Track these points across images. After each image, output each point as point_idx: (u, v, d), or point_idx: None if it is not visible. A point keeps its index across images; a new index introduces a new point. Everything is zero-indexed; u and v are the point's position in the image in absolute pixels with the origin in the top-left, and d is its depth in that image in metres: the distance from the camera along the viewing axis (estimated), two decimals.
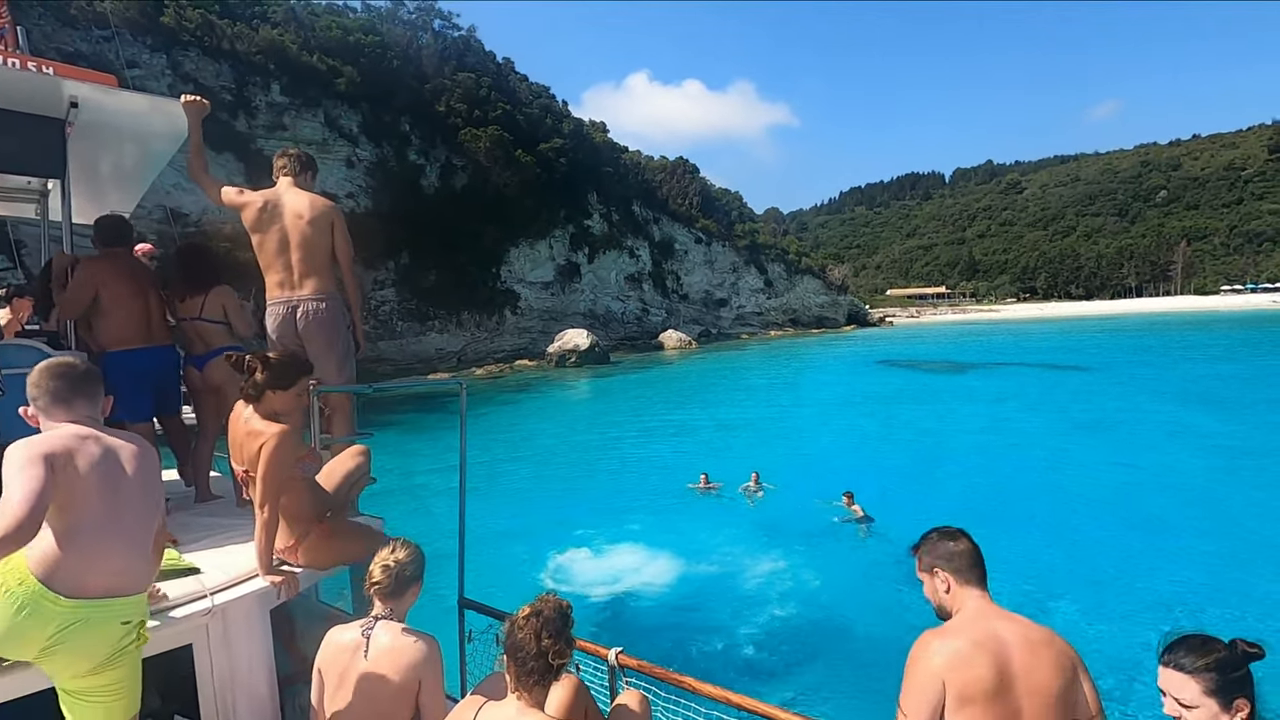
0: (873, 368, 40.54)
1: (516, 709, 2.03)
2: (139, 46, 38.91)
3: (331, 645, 2.42)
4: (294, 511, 2.85)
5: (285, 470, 2.72)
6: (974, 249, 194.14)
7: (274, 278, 3.49)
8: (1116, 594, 8.58)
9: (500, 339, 53.00)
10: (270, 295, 3.52)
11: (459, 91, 57.51)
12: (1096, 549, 10.05)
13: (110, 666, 1.96)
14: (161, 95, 3.53)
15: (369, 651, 2.33)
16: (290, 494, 2.80)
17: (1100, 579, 9.04)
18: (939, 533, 2.22)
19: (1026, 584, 8.80)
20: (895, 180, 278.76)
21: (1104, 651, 7.16)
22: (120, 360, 3.70)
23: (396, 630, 2.40)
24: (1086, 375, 31.66)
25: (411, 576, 2.49)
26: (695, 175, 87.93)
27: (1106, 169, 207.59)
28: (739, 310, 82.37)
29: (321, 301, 3.50)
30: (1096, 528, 10.94)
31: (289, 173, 3.58)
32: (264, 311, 3.61)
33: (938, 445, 17.78)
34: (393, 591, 2.43)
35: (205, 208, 38.45)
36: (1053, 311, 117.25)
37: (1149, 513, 11.55)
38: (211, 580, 2.64)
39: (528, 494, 14.35)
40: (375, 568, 2.45)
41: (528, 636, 2.03)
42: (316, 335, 3.50)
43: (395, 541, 2.55)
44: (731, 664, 7.28)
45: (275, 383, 2.82)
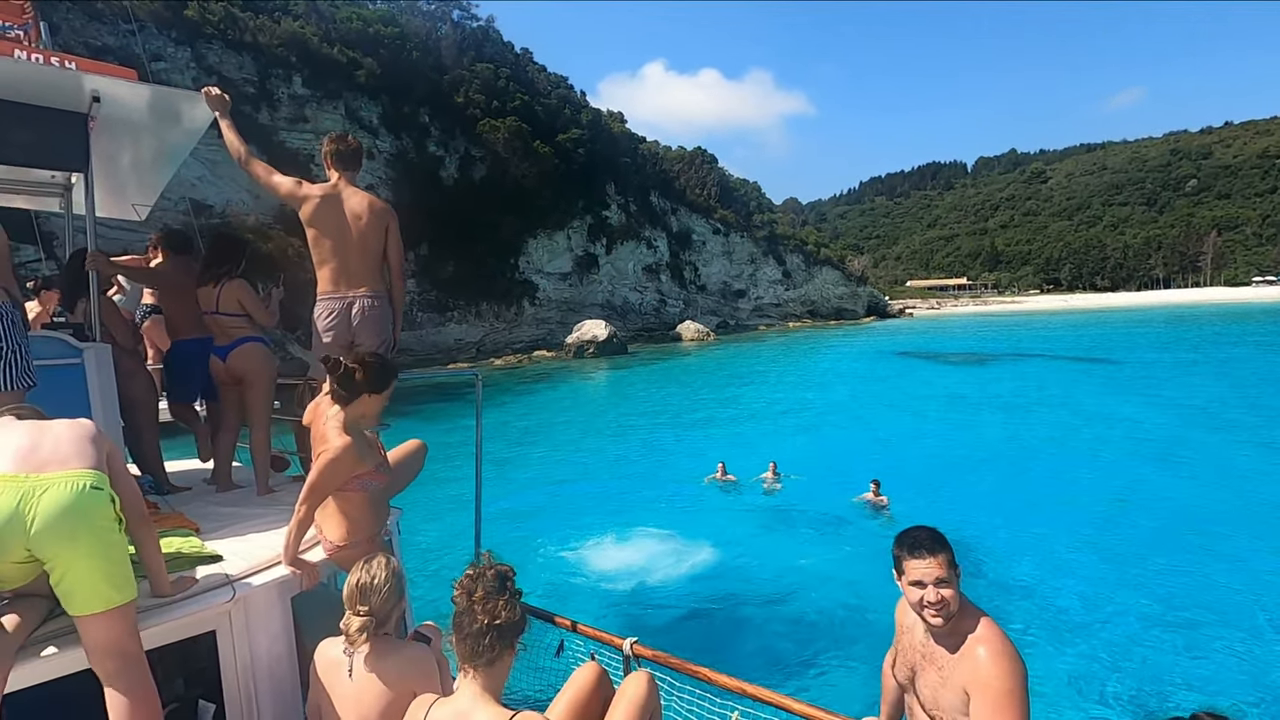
0: (893, 359, 40.21)
1: (469, 698, 1.94)
2: (164, 40, 39.43)
3: (323, 659, 2.37)
4: (355, 517, 2.91)
5: (335, 482, 2.78)
6: (996, 239, 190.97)
7: (329, 273, 3.60)
8: (1132, 591, 8.52)
9: (518, 330, 53.23)
10: (324, 289, 3.63)
11: (477, 82, 57.58)
12: (1119, 546, 9.96)
13: (96, 549, 1.99)
14: (180, 89, 3.60)
15: (353, 670, 2.29)
16: (348, 504, 2.88)
17: (1117, 577, 8.99)
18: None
19: (1039, 575, 8.79)
20: (916, 170, 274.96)
21: (1122, 651, 7.16)
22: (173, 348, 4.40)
23: (381, 644, 2.34)
24: (1113, 368, 31.19)
25: (393, 608, 2.37)
26: (713, 165, 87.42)
27: (1135, 157, 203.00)
28: (757, 301, 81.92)
29: (375, 299, 3.65)
30: (1123, 524, 10.83)
31: (343, 167, 3.66)
32: (301, 302, 3.72)
33: (959, 437, 17.66)
34: (376, 627, 2.34)
35: (229, 199, 38.98)
36: (1078, 303, 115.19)
37: (1181, 510, 11.39)
38: (234, 568, 2.69)
39: (544, 484, 14.47)
40: (352, 625, 2.29)
41: (466, 608, 1.95)
42: (368, 332, 3.63)
43: (363, 568, 2.39)
44: (747, 654, 7.33)
45: (372, 386, 2.83)
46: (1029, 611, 7.86)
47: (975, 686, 2.01)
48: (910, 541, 2.24)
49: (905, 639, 2.42)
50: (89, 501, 1.99)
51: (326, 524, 2.93)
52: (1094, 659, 6.87)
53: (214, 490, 4.18)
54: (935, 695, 2.16)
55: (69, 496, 1.96)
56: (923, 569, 2.17)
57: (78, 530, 1.96)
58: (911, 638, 2.38)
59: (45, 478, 1.96)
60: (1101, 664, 6.80)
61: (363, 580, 2.36)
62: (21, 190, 4.60)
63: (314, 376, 3.63)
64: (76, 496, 1.97)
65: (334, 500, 2.86)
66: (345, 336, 3.63)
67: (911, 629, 2.40)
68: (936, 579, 2.15)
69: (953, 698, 2.10)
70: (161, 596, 2.41)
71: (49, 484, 1.96)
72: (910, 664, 2.35)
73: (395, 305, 3.84)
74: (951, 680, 2.11)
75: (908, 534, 2.29)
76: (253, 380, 4.08)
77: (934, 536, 2.23)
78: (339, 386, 2.81)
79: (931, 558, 2.17)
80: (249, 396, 4.10)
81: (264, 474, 4.05)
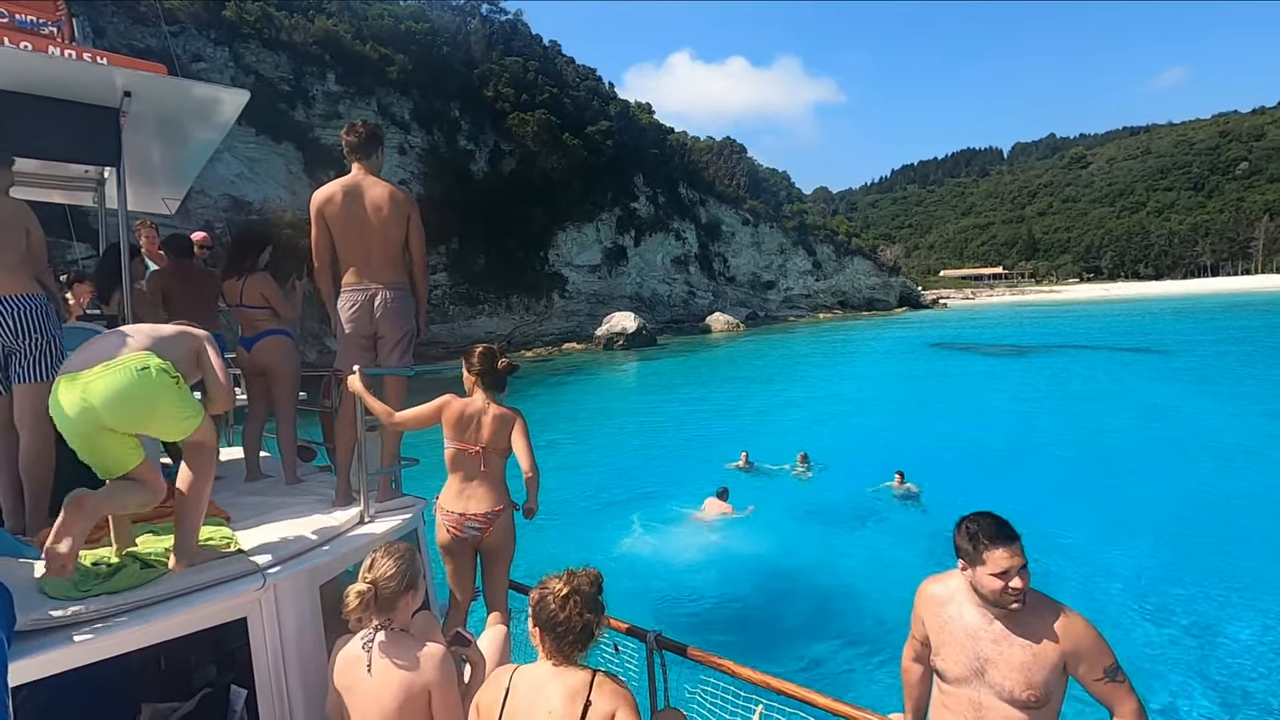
0: (926, 350, 39.52)
1: (548, 670, 2.07)
2: (204, 40, 40.37)
3: (341, 658, 2.36)
4: (502, 479, 3.39)
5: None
6: (1034, 227, 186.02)
7: (352, 265, 3.62)
8: (1162, 585, 8.27)
9: (548, 322, 53.53)
10: (347, 281, 3.64)
11: (506, 76, 57.85)
12: (1153, 540, 9.66)
13: (154, 408, 2.45)
14: (208, 83, 3.62)
15: (372, 666, 2.28)
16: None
17: (1150, 569, 8.72)
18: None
19: (1073, 567, 8.56)
20: (949, 157, 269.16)
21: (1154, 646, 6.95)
22: None
23: (400, 641, 2.33)
24: (1159, 358, 30.22)
25: (396, 591, 2.33)
26: (742, 155, 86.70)
27: (1181, 140, 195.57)
28: (786, 292, 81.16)
29: (397, 290, 3.65)
30: (1163, 518, 10.51)
31: (360, 156, 3.65)
32: (333, 295, 3.74)
33: (993, 428, 17.29)
34: (379, 609, 2.33)
35: (266, 196, 39.82)
36: (1119, 292, 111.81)
37: (1230, 502, 11.02)
38: (264, 556, 2.73)
39: (569, 474, 14.54)
40: (350, 592, 2.30)
41: (571, 615, 2.06)
42: (389, 322, 3.65)
43: (374, 554, 2.40)
44: (772, 645, 7.28)
45: (512, 374, 3.42)
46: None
47: (1080, 650, 2.12)
48: (989, 531, 2.20)
49: (954, 629, 2.30)
50: (129, 378, 2.38)
51: (494, 491, 3.34)
52: (1143, 653, 6.67)
53: (243, 479, 4.25)
54: (1028, 676, 2.13)
55: (114, 378, 2.37)
56: (1007, 559, 2.16)
57: (129, 401, 2.37)
58: (964, 626, 2.27)
59: (92, 371, 2.38)
60: (1152, 657, 6.60)
61: (377, 556, 2.40)
62: (57, 185, 4.71)
63: (339, 368, 3.64)
64: (118, 375, 2.38)
65: (500, 467, 3.36)
66: (368, 328, 3.64)
67: (955, 619, 2.30)
68: (1021, 566, 2.16)
69: (1047, 672, 2.12)
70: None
71: (95, 376, 2.37)
72: (974, 653, 2.23)
73: (418, 295, 3.84)
74: (1048, 656, 2.12)
75: (978, 523, 2.23)
76: (277, 372, 4.14)
77: (1004, 524, 2.22)
78: (490, 377, 3.37)
79: (1014, 544, 2.17)
80: (274, 388, 4.16)
81: (291, 464, 4.11)
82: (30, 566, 2.48)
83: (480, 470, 3.32)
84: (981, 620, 2.25)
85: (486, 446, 3.31)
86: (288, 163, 42.12)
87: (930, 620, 2.38)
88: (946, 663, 2.31)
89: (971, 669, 2.25)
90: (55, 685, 2.09)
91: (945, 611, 2.33)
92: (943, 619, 2.33)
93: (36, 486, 2.94)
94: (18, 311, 2.91)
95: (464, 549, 3.38)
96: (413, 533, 3.47)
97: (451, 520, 3.30)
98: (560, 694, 2.01)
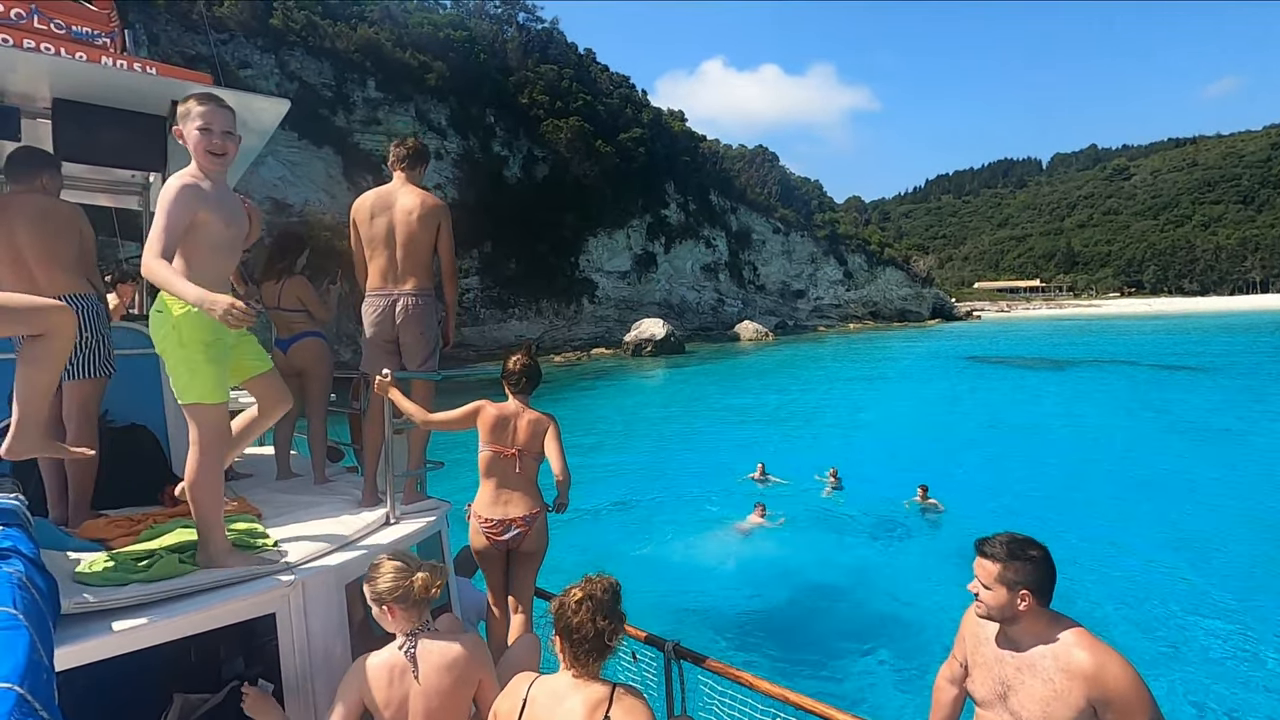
0: (959, 363, 38.81)
1: (567, 681, 2.09)
2: (250, 48, 41.63)
3: (369, 674, 2.32)
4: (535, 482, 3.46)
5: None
6: (1073, 239, 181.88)
7: (377, 269, 3.66)
8: (1191, 611, 8.00)
9: (578, 327, 53.83)
10: (371, 285, 3.69)
11: (541, 84, 58.50)
12: (1187, 565, 9.34)
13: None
14: (256, 93, 3.73)
15: (419, 671, 2.28)
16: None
17: (1186, 588, 8.43)
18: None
19: (1097, 592, 8.32)
20: (986, 167, 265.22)
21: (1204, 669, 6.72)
22: None
23: (442, 641, 2.35)
24: (1202, 377, 29.26)
25: (431, 599, 2.37)
26: (774, 164, 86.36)
27: (1230, 152, 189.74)
28: (816, 302, 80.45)
29: (419, 297, 3.67)
30: (1195, 543, 10.16)
31: (404, 167, 3.73)
32: (360, 298, 3.82)
33: (1024, 444, 16.91)
34: (420, 610, 2.37)
35: (307, 199, 40.79)
36: (1162, 307, 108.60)
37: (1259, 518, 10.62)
38: (293, 553, 2.78)
39: (594, 480, 14.56)
40: (422, 578, 2.35)
41: (584, 620, 2.07)
42: (411, 329, 3.68)
43: (384, 561, 2.44)
44: (790, 658, 7.20)
45: (530, 367, 3.52)
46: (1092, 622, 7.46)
47: (1111, 698, 2.03)
48: (983, 539, 2.32)
49: (985, 651, 2.32)
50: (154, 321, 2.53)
51: (529, 494, 3.41)
52: (1177, 677, 6.46)
53: (274, 478, 4.35)
54: (1047, 711, 2.10)
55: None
56: (976, 569, 2.28)
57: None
58: (993, 650, 2.29)
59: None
60: (1186, 681, 6.39)
61: (389, 562, 2.42)
62: (104, 189, 4.89)
63: (367, 370, 3.69)
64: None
65: (534, 471, 3.42)
66: (389, 333, 3.67)
67: (988, 640, 2.32)
68: (982, 583, 2.25)
69: (1070, 712, 2.07)
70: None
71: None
72: (999, 678, 2.24)
73: (448, 303, 3.88)
74: (1071, 695, 2.07)
75: (994, 535, 2.34)
76: (311, 373, 4.23)
77: (1006, 543, 2.25)
78: (523, 385, 3.47)
79: (984, 561, 2.25)
80: (308, 389, 4.24)
81: (321, 463, 4.19)
82: (71, 559, 2.57)
83: (516, 472, 3.35)
84: (1007, 644, 2.25)
85: (523, 449, 3.36)
86: (328, 166, 43.12)
87: (969, 640, 2.41)
88: (975, 684, 2.35)
89: (996, 693, 2.25)
90: (92, 674, 2.16)
91: (983, 633, 2.35)
92: (979, 639, 2.36)
93: (80, 481, 3.05)
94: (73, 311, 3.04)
95: (500, 554, 3.41)
96: (437, 535, 3.52)
97: (490, 526, 3.33)
98: (580, 706, 2.02)
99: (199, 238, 2.50)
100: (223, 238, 2.59)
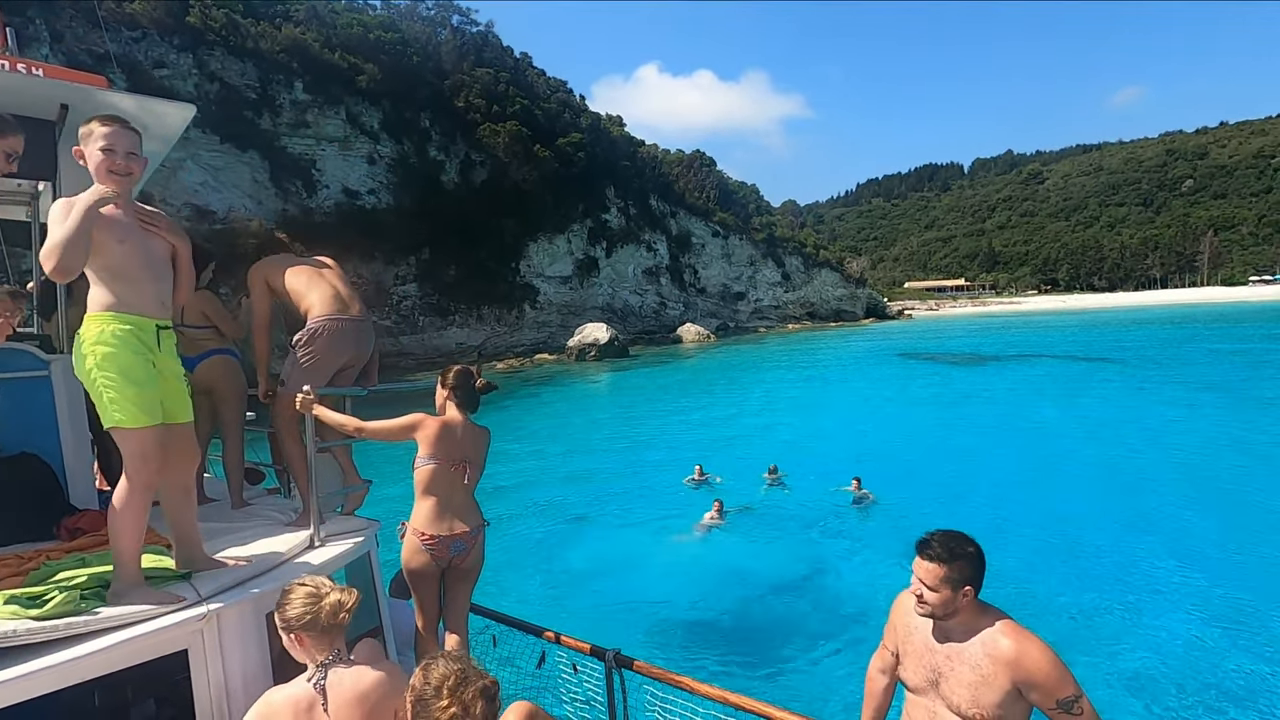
0: (892, 360, 40.17)
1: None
2: (166, 46, 39.45)
3: (274, 710, 2.16)
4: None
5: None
6: (994, 240, 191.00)
7: (326, 296, 3.58)
8: (1114, 593, 8.45)
9: (520, 333, 53.24)
10: (326, 311, 3.53)
11: (477, 87, 57.67)
12: (1111, 549, 9.89)
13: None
14: (160, 96, 3.53)
15: (328, 704, 2.14)
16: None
17: (1100, 579, 8.92)
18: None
19: (1025, 584, 8.73)
20: (913, 171, 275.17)
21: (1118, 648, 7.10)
22: None
23: (355, 669, 2.23)
24: (1113, 368, 31.13)
25: (342, 624, 2.26)
26: (712, 168, 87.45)
27: (1130, 158, 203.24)
28: (756, 303, 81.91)
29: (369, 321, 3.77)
30: (1113, 526, 10.77)
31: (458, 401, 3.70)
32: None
33: (953, 435, 17.61)
34: (334, 637, 2.25)
35: (231, 205, 38.98)
36: (1075, 303, 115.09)
37: (1167, 510, 11.34)
38: (206, 584, 2.60)
39: (536, 486, 14.42)
40: (337, 604, 2.22)
41: (470, 712, 1.93)
42: (373, 348, 3.77)
43: (331, 584, 2.34)
44: (731, 658, 7.27)
45: (486, 393, 3.51)
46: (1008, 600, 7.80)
47: (1033, 679, 2.13)
48: (920, 543, 2.36)
49: (916, 640, 2.40)
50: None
51: (474, 508, 3.40)
52: (1080, 655, 6.80)
53: None
54: (976, 695, 2.19)
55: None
56: (917, 570, 2.33)
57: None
58: (924, 639, 2.37)
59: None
60: (1100, 664, 6.74)
61: (330, 586, 2.32)
62: None
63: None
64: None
65: (476, 483, 3.40)
66: (350, 350, 3.67)
67: (919, 630, 2.39)
68: (925, 583, 2.29)
69: (997, 695, 2.16)
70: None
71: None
72: (930, 666, 2.32)
73: None
74: (996, 680, 2.16)
75: (927, 535, 2.38)
76: (222, 393, 3.99)
77: (934, 541, 2.32)
78: (467, 397, 3.42)
79: (927, 562, 2.30)
80: (220, 409, 4.01)
81: (239, 486, 3.97)
82: None
83: (463, 485, 3.29)
84: (938, 634, 2.34)
85: (470, 460, 3.30)
86: (253, 171, 41.34)
87: (900, 629, 2.50)
88: (907, 672, 2.43)
89: (928, 680, 2.34)
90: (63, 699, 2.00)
91: (913, 622, 2.43)
92: (910, 629, 2.45)
93: None
94: None
95: (437, 573, 3.31)
96: (365, 556, 3.38)
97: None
98: None
99: (104, 260, 2.40)
100: (134, 258, 2.47)
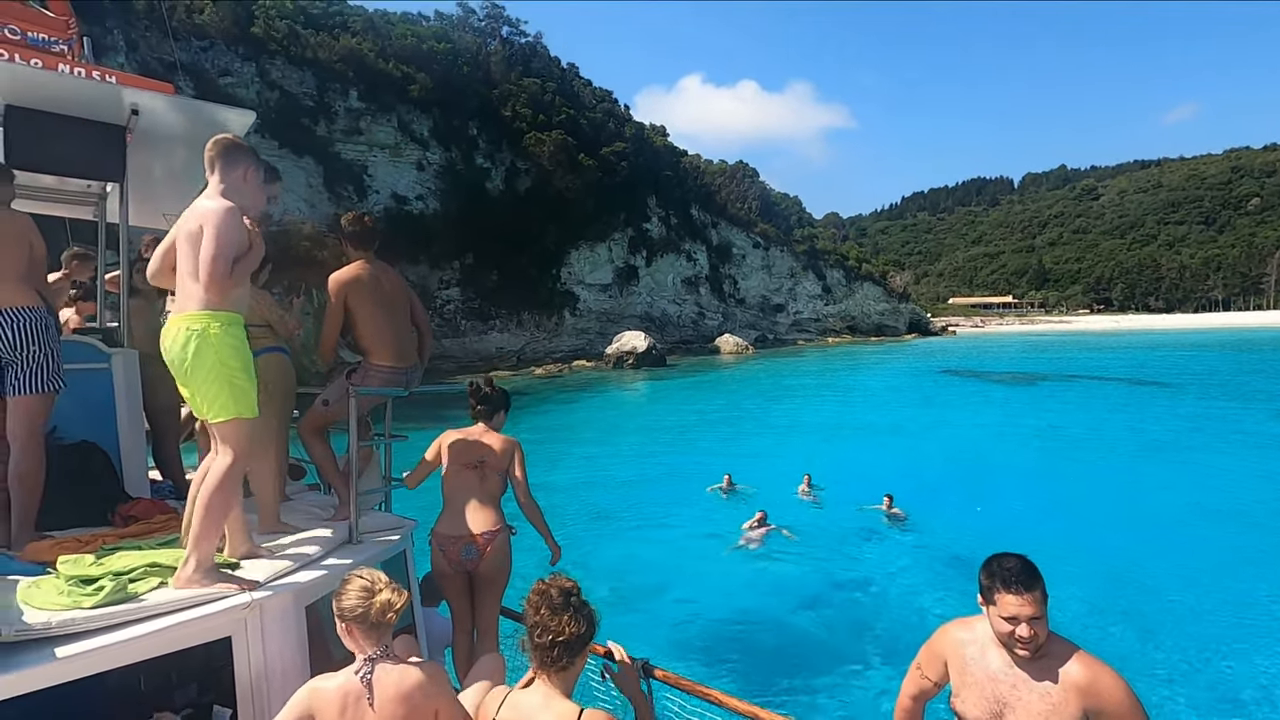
0: (935, 377, 39.29)
1: (540, 695, 2.06)
2: (231, 56, 41.29)
3: (320, 698, 2.18)
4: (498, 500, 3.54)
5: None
6: (1044, 257, 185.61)
7: (388, 346, 3.68)
8: (1165, 623, 8.07)
9: (559, 339, 53.72)
10: (384, 361, 3.64)
11: (525, 96, 58.68)
12: (1159, 577, 9.46)
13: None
14: (223, 104, 3.68)
15: (374, 698, 2.15)
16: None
17: (1147, 606, 8.53)
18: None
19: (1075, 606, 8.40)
20: (960, 185, 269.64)
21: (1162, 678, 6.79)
22: None
23: (399, 667, 2.23)
24: (1169, 391, 29.88)
25: (390, 623, 2.24)
26: (754, 179, 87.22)
27: (1192, 175, 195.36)
28: (796, 316, 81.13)
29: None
30: (1168, 555, 10.31)
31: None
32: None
33: (999, 458, 17.09)
34: (381, 633, 2.22)
35: (286, 208, 40.26)
36: (1130, 324, 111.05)
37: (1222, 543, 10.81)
38: (252, 574, 2.70)
39: (571, 491, 14.45)
40: (388, 602, 2.18)
41: (535, 622, 2.08)
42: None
43: (358, 577, 2.27)
44: (763, 673, 7.16)
45: (507, 404, 3.68)
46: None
47: (1105, 707, 2.06)
48: (1005, 574, 2.16)
49: (975, 671, 2.30)
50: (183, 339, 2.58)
51: (490, 511, 3.43)
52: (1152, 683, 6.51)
53: None
54: None
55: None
56: (1016, 606, 2.12)
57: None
58: (984, 669, 2.27)
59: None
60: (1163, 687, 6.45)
61: (362, 577, 2.30)
62: (58, 199, 4.75)
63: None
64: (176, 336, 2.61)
65: (498, 487, 3.49)
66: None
67: (977, 660, 2.30)
68: (1032, 616, 2.11)
69: None
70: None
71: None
72: (994, 697, 2.23)
73: None
74: (1067, 707, 2.09)
75: (1000, 564, 2.20)
76: (271, 389, 4.10)
77: (1027, 568, 2.17)
78: (485, 407, 3.59)
79: (1028, 594, 2.12)
80: (269, 404, 4.12)
81: (282, 481, 4.07)
82: (12, 583, 2.46)
83: (479, 486, 3.34)
84: (1003, 664, 2.24)
85: (485, 462, 3.36)
86: (308, 176, 42.74)
87: (954, 661, 2.37)
88: (966, 705, 2.31)
89: (990, 712, 2.24)
90: (32, 704, 2.05)
91: (968, 652, 2.33)
92: (966, 659, 2.33)
93: (24, 501, 2.93)
94: (18, 324, 2.92)
95: (461, 577, 3.34)
96: (401, 554, 3.43)
97: (448, 545, 3.27)
98: None
99: (244, 267, 2.74)
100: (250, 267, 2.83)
